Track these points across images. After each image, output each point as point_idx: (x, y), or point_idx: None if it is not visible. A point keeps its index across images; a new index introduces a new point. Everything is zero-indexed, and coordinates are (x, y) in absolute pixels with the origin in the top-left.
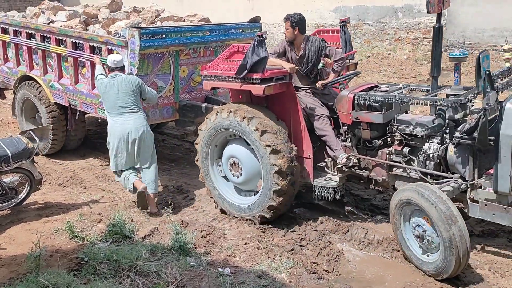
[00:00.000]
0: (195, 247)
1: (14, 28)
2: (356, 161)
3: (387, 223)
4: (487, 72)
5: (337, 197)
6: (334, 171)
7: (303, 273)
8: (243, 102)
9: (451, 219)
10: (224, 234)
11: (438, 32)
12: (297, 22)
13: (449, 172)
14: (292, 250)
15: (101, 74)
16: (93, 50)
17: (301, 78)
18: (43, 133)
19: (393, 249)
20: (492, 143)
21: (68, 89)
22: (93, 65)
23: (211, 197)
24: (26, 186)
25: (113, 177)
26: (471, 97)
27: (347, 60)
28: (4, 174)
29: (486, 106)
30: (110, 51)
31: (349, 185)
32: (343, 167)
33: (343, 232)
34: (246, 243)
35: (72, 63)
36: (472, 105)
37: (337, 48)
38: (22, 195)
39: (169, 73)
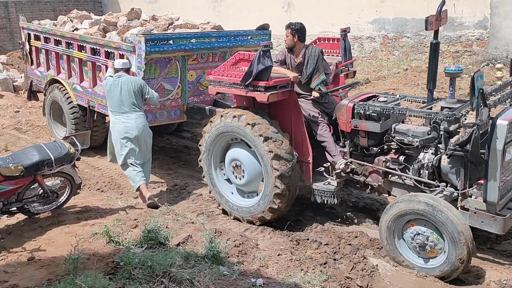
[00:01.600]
0: (228, 256)
1: (44, 35)
2: (354, 167)
3: None
4: (481, 90)
5: (336, 201)
6: (333, 176)
7: (336, 287)
8: (246, 107)
9: (418, 196)
10: (257, 245)
11: (435, 47)
12: (297, 30)
13: (436, 181)
14: (325, 263)
15: (110, 76)
16: (108, 55)
17: (301, 86)
18: (84, 139)
19: None
20: (483, 155)
21: (88, 92)
22: (107, 69)
23: (212, 197)
24: (67, 190)
25: (149, 184)
26: (464, 112)
27: (347, 68)
28: (46, 177)
29: (479, 122)
30: (121, 56)
31: (386, 200)
32: (341, 172)
33: (378, 248)
34: (279, 255)
35: (90, 67)
36: (465, 119)
37: (336, 56)
38: (62, 199)
39: (177, 77)
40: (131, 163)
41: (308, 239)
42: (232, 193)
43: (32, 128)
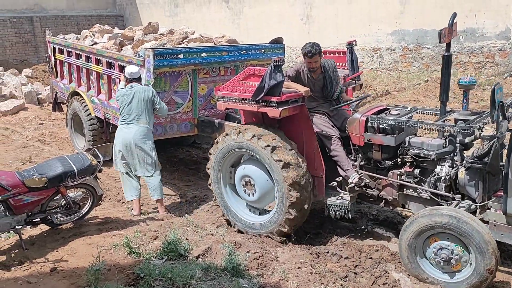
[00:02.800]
0: (248, 269)
1: (67, 49)
2: (368, 181)
3: None
4: (501, 103)
5: (350, 216)
6: (346, 190)
7: None
8: (255, 123)
9: (439, 209)
10: (277, 257)
11: (447, 60)
12: (321, 51)
13: (451, 193)
14: (346, 277)
15: (122, 88)
16: (121, 68)
17: (312, 100)
18: (106, 151)
19: None
20: (502, 167)
21: (104, 104)
22: (120, 82)
23: (227, 219)
24: (89, 201)
25: (169, 195)
26: (482, 124)
27: (354, 81)
28: (69, 188)
29: (499, 134)
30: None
31: (407, 213)
32: (355, 186)
33: (399, 262)
34: (299, 268)
35: (106, 80)
36: (482, 132)
37: (343, 69)
38: (84, 210)
39: (187, 91)
40: (126, 173)
41: (328, 252)
42: (245, 212)
43: (56, 140)
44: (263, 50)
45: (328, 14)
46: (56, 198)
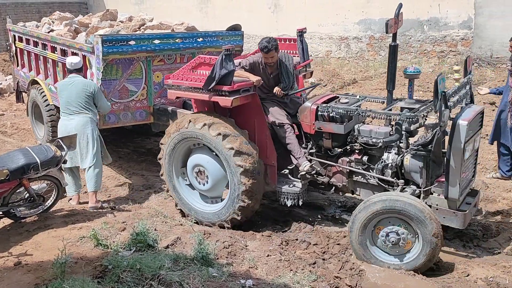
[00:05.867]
0: (217, 258)
1: (25, 37)
2: (319, 168)
3: None
4: (443, 93)
5: (300, 203)
6: (298, 178)
7: (325, 287)
8: (206, 112)
9: (370, 199)
10: (246, 246)
11: (393, 50)
12: (277, 46)
13: (395, 179)
14: (314, 263)
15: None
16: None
17: (266, 91)
18: (71, 142)
19: None
20: (444, 154)
21: None
22: None
23: (180, 209)
24: (54, 193)
25: (137, 186)
26: (425, 113)
27: (304, 69)
28: (33, 181)
29: (442, 123)
30: (84, 57)
31: None
32: (306, 174)
33: None
34: (268, 255)
35: (62, 68)
36: (425, 120)
37: (293, 56)
38: (49, 202)
39: (141, 78)
40: (70, 169)
41: (297, 239)
42: (199, 202)
43: (18, 131)
44: (220, 37)
45: (296, 3)
46: (19, 190)
